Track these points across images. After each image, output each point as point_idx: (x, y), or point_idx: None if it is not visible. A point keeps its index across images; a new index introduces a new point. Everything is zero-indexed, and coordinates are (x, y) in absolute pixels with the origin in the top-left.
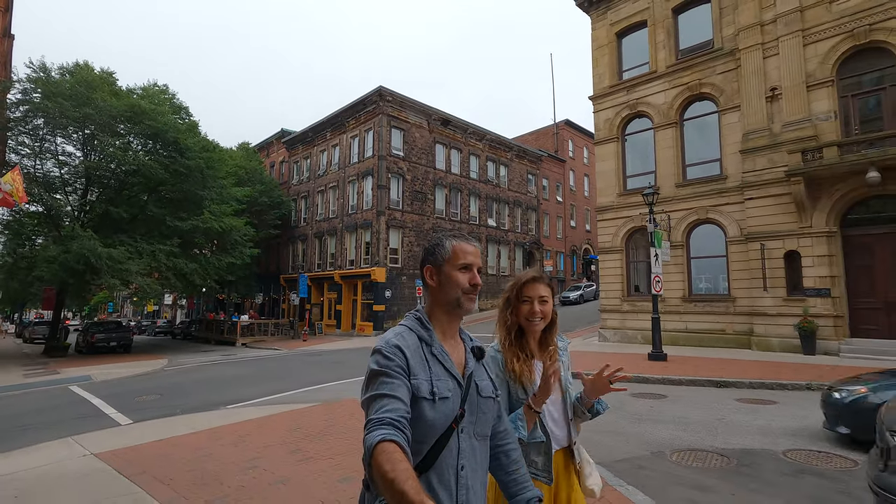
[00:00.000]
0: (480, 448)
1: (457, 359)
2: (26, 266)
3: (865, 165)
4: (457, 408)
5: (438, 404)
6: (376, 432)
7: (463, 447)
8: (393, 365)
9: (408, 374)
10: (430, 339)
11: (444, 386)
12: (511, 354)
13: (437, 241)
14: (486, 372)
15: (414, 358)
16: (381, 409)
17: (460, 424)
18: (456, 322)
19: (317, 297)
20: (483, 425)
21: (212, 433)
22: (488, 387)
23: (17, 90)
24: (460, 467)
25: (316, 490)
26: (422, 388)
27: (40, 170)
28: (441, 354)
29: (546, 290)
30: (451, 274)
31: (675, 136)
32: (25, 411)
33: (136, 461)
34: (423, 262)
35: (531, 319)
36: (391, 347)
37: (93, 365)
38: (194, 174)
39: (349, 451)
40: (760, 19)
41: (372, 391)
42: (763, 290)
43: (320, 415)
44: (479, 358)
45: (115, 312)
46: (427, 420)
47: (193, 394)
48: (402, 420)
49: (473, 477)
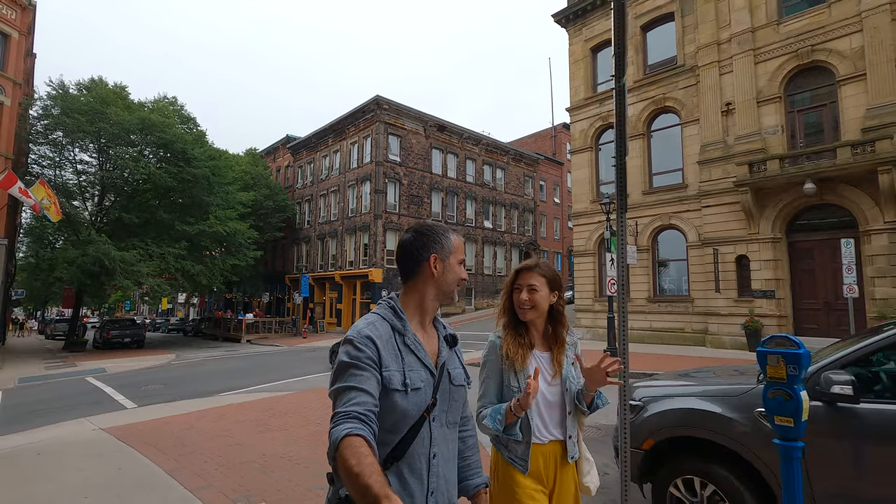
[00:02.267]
0: (451, 435)
1: (430, 348)
2: (48, 267)
3: (803, 177)
4: (429, 398)
5: (411, 395)
6: (342, 426)
7: (435, 435)
8: (363, 357)
9: (379, 365)
10: (403, 328)
11: (417, 377)
12: (508, 337)
13: (441, 231)
14: (459, 360)
15: (386, 349)
16: (349, 402)
17: (432, 413)
18: (433, 311)
19: (319, 297)
20: (454, 413)
21: (199, 414)
22: (460, 375)
23: (39, 106)
24: (432, 455)
25: (263, 449)
26: (393, 379)
27: (60, 179)
28: (414, 344)
29: (538, 279)
30: (454, 266)
31: (643, 147)
32: (46, 398)
33: (134, 433)
34: (429, 249)
35: (520, 308)
36: (362, 338)
37: (107, 359)
38: (201, 181)
39: (302, 425)
40: (717, 38)
41: (340, 382)
42: (716, 292)
43: (292, 400)
44: (452, 346)
45: (132, 310)
46: (399, 411)
47: (193, 384)
48: (368, 414)
49: (445, 465)
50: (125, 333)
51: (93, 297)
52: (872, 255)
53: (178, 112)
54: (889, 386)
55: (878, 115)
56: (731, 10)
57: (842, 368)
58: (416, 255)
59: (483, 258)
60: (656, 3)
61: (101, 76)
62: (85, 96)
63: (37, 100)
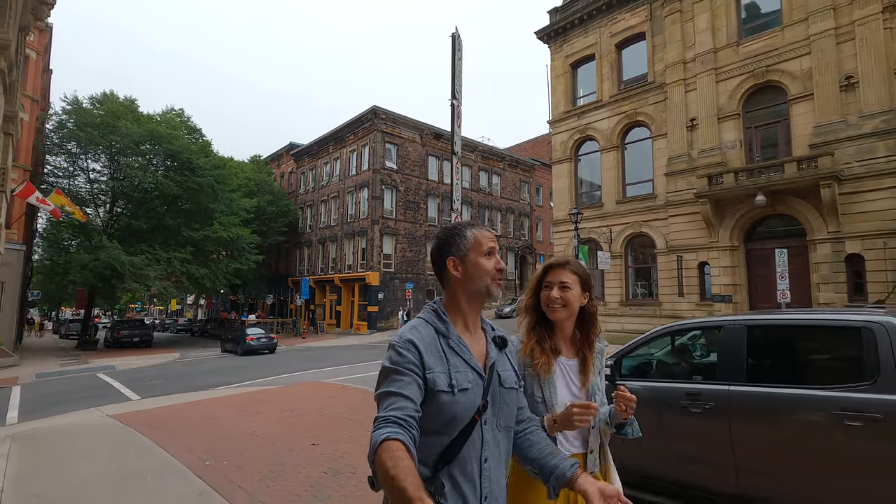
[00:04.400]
0: (504, 440)
1: (478, 350)
2: (62, 271)
3: (755, 190)
4: (479, 399)
5: (458, 396)
6: (382, 430)
7: (486, 439)
8: (404, 361)
9: (422, 369)
10: (446, 331)
11: (464, 378)
12: (528, 339)
13: (455, 232)
14: (510, 362)
15: (429, 351)
16: (389, 408)
17: (483, 416)
18: (477, 312)
19: (320, 298)
20: (507, 416)
21: (191, 403)
22: (511, 377)
23: (54, 120)
24: (484, 459)
25: (239, 428)
26: (438, 381)
27: (73, 188)
28: (459, 346)
29: (570, 276)
30: (477, 262)
31: (617, 158)
32: (61, 391)
33: (135, 418)
34: (444, 254)
35: (551, 306)
36: (404, 342)
37: (117, 357)
38: (205, 189)
39: (276, 412)
40: (683, 58)
41: (383, 388)
42: (679, 296)
43: (275, 392)
44: (502, 348)
45: (143, 311)
46: (448, 412)
47: (192, 380)
48: (408, 419)
49: (496, 469)
50: (134, 333)
51: (104, 298)
52: (818, 262)
53: (184, 123)
54: (636, 368)
55: (823, 133)
56: (695, 32)
57: (623, 357)
58: (438, 262)
59: None
60: (629, 23)
61: (112, 90)
62: (97, 109)
63: (52, 115)
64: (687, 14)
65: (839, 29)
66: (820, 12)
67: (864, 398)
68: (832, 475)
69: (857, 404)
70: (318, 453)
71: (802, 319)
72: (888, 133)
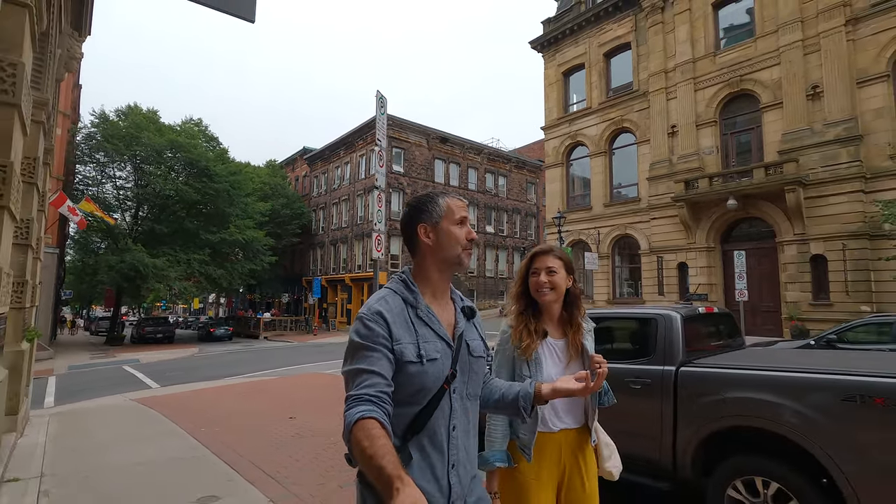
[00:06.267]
0: (472, 408)
1: (446, 319)
2: (91, 272)
3: (727, 195)
4: (447, 369)
5: (427, 366)
6: (355, 409)
7: (455, 407)
8: (373, 335)
9: (390, 341)
10: (415, 301)
11: (433, 347)
12: (518, 324)
13: (428, 198)
14: (477, 331)
15: (397, 322)
16: (361, 385)
17: (452, 385)
18: (447, 281)
19: (332, 297)
20: (475, 385)
21: (202, 390)
22: (479, 346)
23: (84, 133)
24: (452, 427)
25: (235, 408)
26: (406, 351)
27: (101, 195)
28: (427, 316)
29: (555, 261)
30: (449, 230)
31: (605, 163)
32: (91, 381)
33: (153, 401)
34: (415, 221)
35: (540, 290)
36: (372, 314)
37: (141, 351)
38: (222, 195)
39: (272, 398)
40: (665, 67)
41: (351, 364)
42: (660, 295)
43: (274, 381)
44: (470, 317)
45: (168, 309)
46: (417, 382)
47: (206, 371)
48: (381, 395)
49: (465, 437)
50: (158, 329)
51: (131, 297)
52: (785, 263)
53: (202, 132)
54: None
55: (790, 140)
56: (676, 42)
57: None
58: (408, 230)
59: (485, 261)
60: (616, 33)
61: (135, 103)
62: (123, 121)
63: (81, 128)
64: (668, 25)
65: (806, 40)
66: (789, 24)
67: (642, 368)
68: (623, 422)
69: (637, 373)
70: (292, 424)
71: (623, 313)
72: (849, 140)
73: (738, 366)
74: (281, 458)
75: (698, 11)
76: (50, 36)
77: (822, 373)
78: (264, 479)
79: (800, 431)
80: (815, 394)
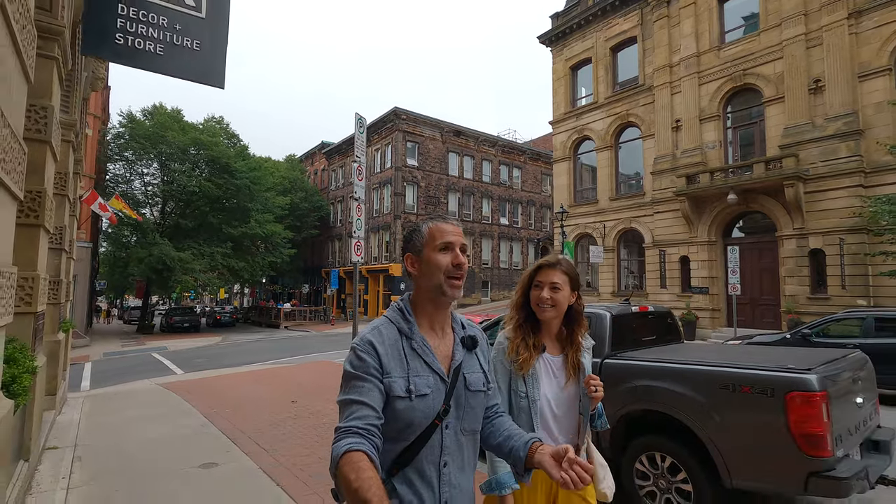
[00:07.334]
0: (468, 443)
1: (443, 351)
2: (123, 264)
3: (727, 189)
4: (438, 404)
5: (416, 402)
6: (342, 442)
7: (447, 443)
8: (364, 366)
9: (381, 373)
10: (410, 331)
11: (423, 382)
12: (515, 337)
13: (414, 227)
14: (479, 363)
15: (390, 354)
16: (350, 417)
17: (445, 420)
18: (444, 311)
19: (350, 288)
20: (471, 420)
21: (221, 376)
22: (479, 379)
23: (112, 133)
24: (443, 464)
25: (246, 393)
26: (395, 386)
27: (130, 191)
28: (422, 348)
29: (561, 277)
30: (430, 257)
31: (611, 157)
32: (122, 367)
33: (176, 386)
34: (404, 251)
35: (540, 306)
36: (365, 344)
37: (169, 340)
38: (243, 190)
39: (279, 383)
40: (670, 62)
41: (344, 394)
42: (662, 288)
43: (288, 368)
44: (471, 348)
45: (196, 299)
46: (404, 418)
47: (228, 359)
48: (369, 427)
49: (459, 474)
50: (185, 319)
51: (160, 288)
52: (785, 257)
53: (223, 130)
54: None
55: (792, 134)
56: (681, 36)
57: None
58: (402, 261)
59: (499, 253)
60: (623, 27)
61: (160, 102)
62: (148, 120)
63: (111, 128)
64: (674, 19)
65: (809, 34)
66: (792, 18)
67: None
68: None
69: None
70: (293, 406)
71: None
72: (849, 135)
73: (649, 359)
74: (276, 434)
75: (704, 5)
76: (76, 67)
77: (708, 365)
78: (258, 451)
79: (686, 414)
80: (701, 383)
